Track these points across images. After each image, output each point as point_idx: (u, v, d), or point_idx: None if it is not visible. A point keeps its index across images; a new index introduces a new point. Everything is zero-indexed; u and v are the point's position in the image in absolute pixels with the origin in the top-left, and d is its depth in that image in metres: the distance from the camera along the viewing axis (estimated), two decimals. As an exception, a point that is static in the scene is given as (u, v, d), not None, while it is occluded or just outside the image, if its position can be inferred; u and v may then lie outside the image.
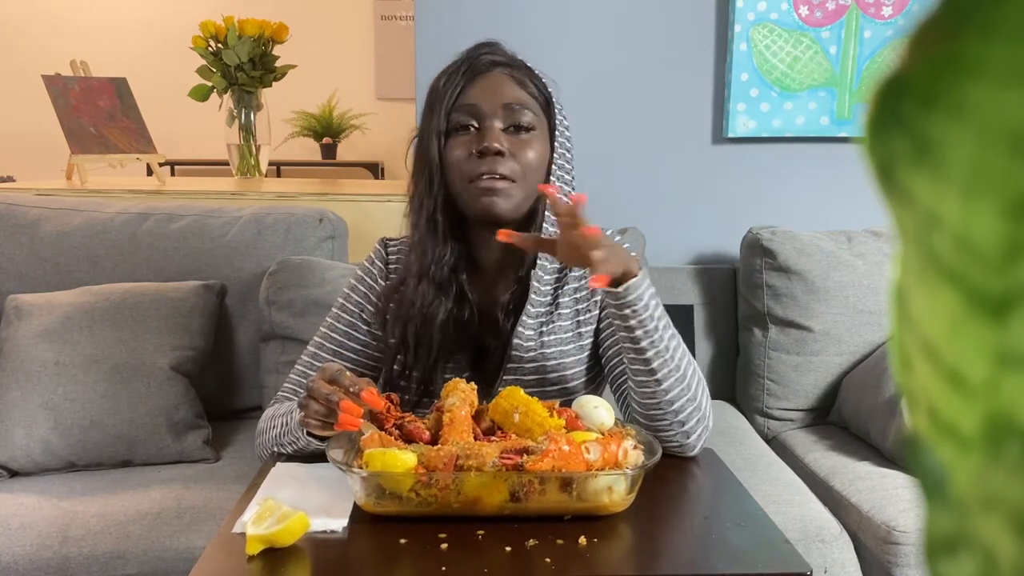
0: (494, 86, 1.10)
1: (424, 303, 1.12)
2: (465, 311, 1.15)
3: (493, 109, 1.09)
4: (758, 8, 2.03)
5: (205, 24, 2.46)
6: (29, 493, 1.46)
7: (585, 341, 1.17)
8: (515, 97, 1.10)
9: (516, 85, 1.11)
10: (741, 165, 2.12)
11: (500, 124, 1.10)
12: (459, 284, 1.15)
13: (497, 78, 1.11)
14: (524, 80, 1.12)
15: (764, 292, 1.90)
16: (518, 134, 1.10)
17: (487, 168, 1.07)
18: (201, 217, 1.89)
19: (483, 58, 1.11)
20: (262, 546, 0.82)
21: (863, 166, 0.18)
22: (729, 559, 0.84)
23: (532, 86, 1.13)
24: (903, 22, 2.05)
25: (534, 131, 1.11)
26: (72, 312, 1.65)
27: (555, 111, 1.14)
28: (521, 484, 0.87)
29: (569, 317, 1.17)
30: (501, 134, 1.09)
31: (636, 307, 0.98)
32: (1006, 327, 0.16)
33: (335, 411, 0.93)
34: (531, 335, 1.14)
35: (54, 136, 2.54)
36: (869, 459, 1.65)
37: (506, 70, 1.12)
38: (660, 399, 1.02)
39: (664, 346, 1.01)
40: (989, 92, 0.15)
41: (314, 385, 0.95)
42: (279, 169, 4.49)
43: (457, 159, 1.10)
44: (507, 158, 1.08)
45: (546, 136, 1.13)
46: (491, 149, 1.07)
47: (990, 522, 0.17)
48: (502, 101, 1.09)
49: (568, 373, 1.16)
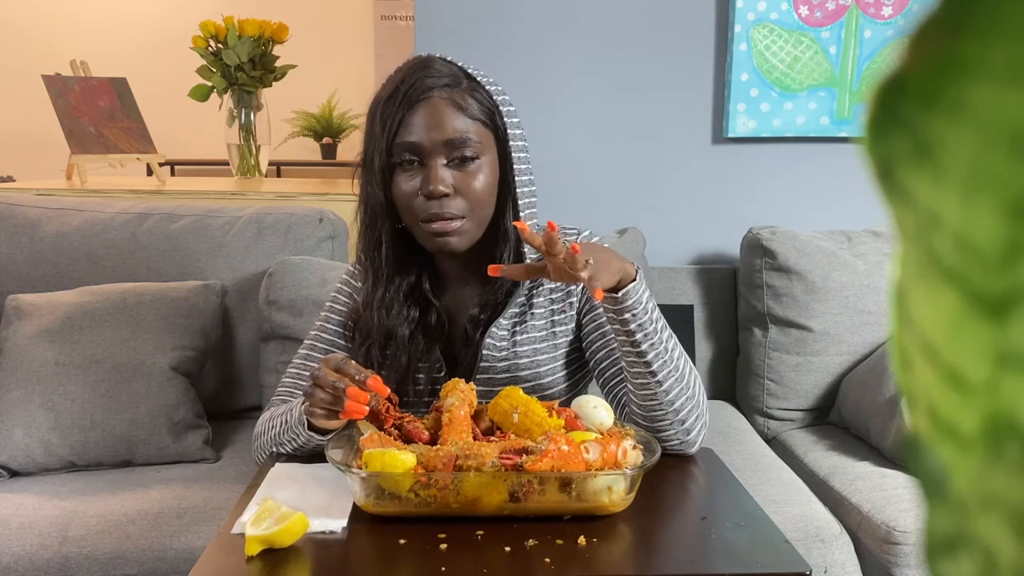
0: (433, 118, 1.06)
1: (383, 329, 1.13)
2: (432, 318, 1.15)
3: (435, 146, 1.06)
4: (758, 8, 2.03)
5: (205, 24, 2.46)
6: (29, 493, 1.46)
7: (560, 341, 1.17)
8: (456, 130, 1.06)
9: (456, 112, 1.07)
10: (741, 165, 2.12)
11: (443, 160, 1.06)
12: (423, 294, 1.15)
13: (435, 106, 1.06)
14: (464, 101, 1.07)
15: (764, 292, 1.90)
16: (464, 165, 1.07)
17: (436, 211, 1.06)
18: (201, 217, 1.89)
19: (419, 84, 1.06)
20: (261, 546, 0.82)
21: (863, 166, 0.18)
22: (729, 559, 0.83)
23: (473, 104, 1.08)
24: (903, 22, 2.05)
25: (479, 159, 1.08)
26: (72, 312, 1.65)
27: (501, 119, 1.11)
28: (520, 484, 0.87)
29: (543, 317, 1.16)
30: (445, 172, 1.06)
31: (635, 311, 0.98)
32: (1006, 327, 0.16)
33: (341, 399, 0.93)
34: (503, 335, 1.14)
35: (54, 136, 2.54)
36: (869, 459, 1.65)
37: (444, 93, 1.07)
38: (661, 399, 1.03)
39: (663, 347, 1.01)
40: (989, 92, 0.15)
41: (320, 373, 0.95)
42: (279, 169, 4.49)
43: (404, 196, 1.08)
44: (453, 197, 1.07)
45: (493, 153, 1.10)
46: (436, 192, 1.05)
47: (990, 522, 0.17)
48: (443, 137, 1.05)
49: (542, 371, 1.15)
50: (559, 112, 2.09)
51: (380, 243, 1.12)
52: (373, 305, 1.13)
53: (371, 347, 1.14)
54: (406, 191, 1.08)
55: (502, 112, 1.11)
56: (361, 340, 1.15)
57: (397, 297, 1.14)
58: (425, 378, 1.15)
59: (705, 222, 2.14)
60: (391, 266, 1.13)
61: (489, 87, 1.11)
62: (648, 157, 2.11)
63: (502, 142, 1.11)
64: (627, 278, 0.98)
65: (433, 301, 1.16)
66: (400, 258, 1.14)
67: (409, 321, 1.14)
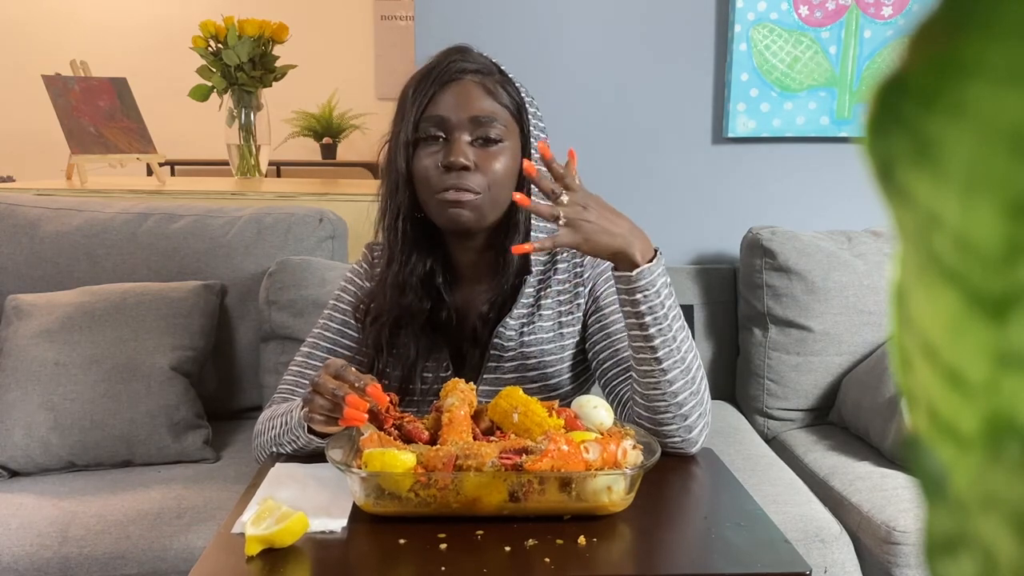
0: (462, 96, 1.09)
1: (395, 310, 1.14)
2: (443, 313, 1.16)
3: (460, 121, 1.08)
4: (758, 8, 2.03)
5: (205, 24, 2.46)
6: (29, 493, 1.46)
7: (567, 341, 1.18)
8: (483, 109, 1.09)
9: (485, 95, 1.10)
10: (741, 165, 2.12)
11: (468, 136, 1.09)
12: (436, 287, 1.16)
13: (466, 87, 1.09)
14: (494, 88, 1.11)
15: (764, 292, 1.90)
16: (486, 146, 1.09)
17: (453, 182, 1.08)
18: (201, 217, 1.89)
19: (453, 65, 1.10)
20: (261, 546, 0.82)
21: (863, 166, 0.18)
22: (729, 559, 0.83)
23: (503, 93, 1.11)
24: (903, 22, 2.05)
25: (503, 143, 1.10)
26: (72, 312, 1.65)
27: (527, 117, 1.13)
28: (520, 484, 0.87)
29: (551, 318, 1.17)
30: (468, 147, 1.09)
31: (647, 292, 1.00)
32: (1006, 327, 0.16)
33: (340, 406, 0.93)
34: (512, 335, 1.15)
35: (54, 136, 2.54)
36: (869, 459, 1.65)
37: (476, 77, 1.10)
38: (664, 390, 1.03)
39: (672, 335, 1.02)
40: (989, 92, 0.15)
41: (319, 380, 0.95)
42: (279, 169, 4.49)
43: (424, 170, 1.09)
44: (473, 172, 1.08)
45: (516, 144, 1.12)
46: (457, 164, 1.07)
47: (990, 522, 0.17)
48: (469, 114, 1.08)
49: (549, 371, 1.16)
50: (559, 112, 2.09)
51: (398, 216, 1.13)
52: (387, 282, 1.15)
53: (381, 329, 1.14)
54: (427, 164, 1.09)
55: (528, 112, 1.13)
56: (372, 320, 1.16)
57: (411, 281, 1.14)
58: (432, 376, 1.16)
59: (705, 222, 2.14)
60: (409, 243, 1.14)
61: (519, 87, 1.14)
62: (648, 157, 2.11)
63: (525, 137, 1.13)
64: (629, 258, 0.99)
65: (445, 297, 1.16)
66: (417, 239, 1.15)
67: (421, 310, 1.15)
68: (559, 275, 1.19)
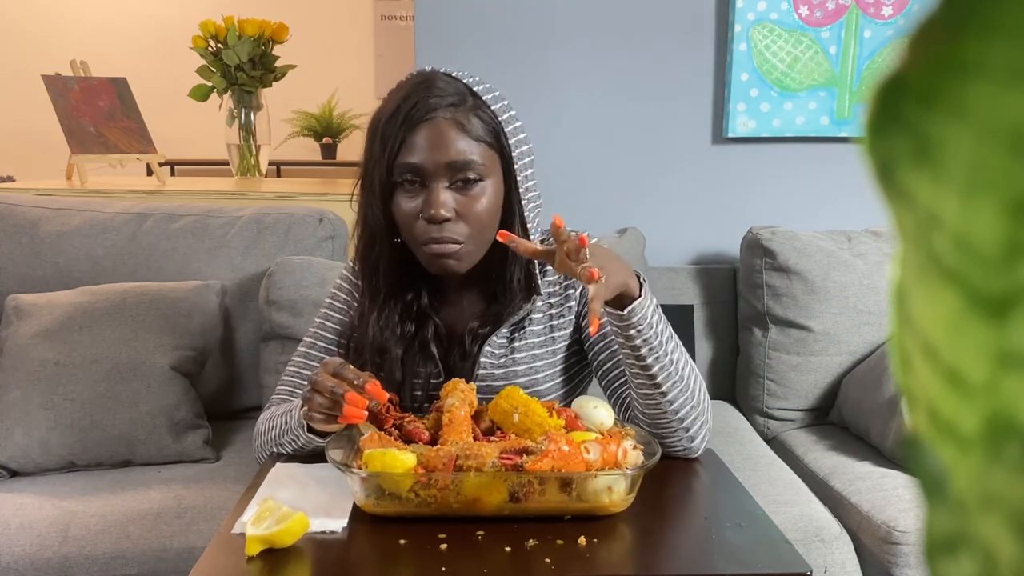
0: (436, 139, 1.03)
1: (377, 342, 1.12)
2: (429, 331, 1.14)
3: (437, 168, 1.03)
4: (758, 8, 2.03)
5: (205, 24, 2.46)
6: (29, 493, 1.46)
7: (558, 346, 1.16)
8: (459, 152, 1.03)
9: (459, 133, 1.04)
10: (741, 165, 2.12)
11: (445, 182, 1.04)
12: (421, 309, 1.14)
13: (438, 128, 1.03)
14: (467, 121, 1.04)
15: (764, 292, 1.90)
16: (466, 188, 1.04)
17: (435, 235, 1.04)
18: (201, 217, 1.89)
19: (421, 104, 1.03)
20: (262, 546, 0.82)
21: (863, 166, 0.18)
22: (729, 559, 0.83)
23: (478, 124, 1.05)
24: (903, 22, 2.05)
25: (483, 181, 1.05)
26: (72, 312, 1.65)
27: (506, 142, 1.08)
28: (521, 484, 0.87)
29: (542, 323, 1.15)
30: (447, 193, 1.04)
31: (640, 327, 0.97)
32: (1006, 327, 0.16)
33: (340, 404, 0.93)
34: (502, 343, 1.13)
35: (54, 136, 2.54)
36: (869, 459, 1.65)
37: (447, 113, 1.03)
38: (665, 409, 1.02)
39: (668, 359, 1.00)
40: (989, 92, 0.15)
41: (318, 378, 0.95)
42: (279, 169, 4.49)
43: (405, 217, 1.06)
44: (455, 221, 1.04)
45: (498, 175, 1.08)
46: (437, 217, 1.03)
47: (990, 522, 0.17)
48: (446, 159, 1.02)
49: (539, 376, 1.15)
50: (559, 111, 2.09)
51: (378, 264, 1.11)
52: (368, 322, 1.12)
53: (365, 364, 1.12)
54: (407, 212, 1.05)
55: (507, 132, 1.08)
56: (355, 356, 1.14)
57: (392, 318, 1.12)
58: (423, 395, 1.14)
59: (705, 222, 2.14)
60: (389, 287, 1.12)
61: (494, 104, 1.08)
62: (648, 157, 2.11)
63: (507, 162, 1.09)
64: (631, 293, 0.96)
65: (431, 316, 1.14)
66: (399, 277, 1.12)
67: (404, 338, 1.12)
68: (548, 276, 1.17)
